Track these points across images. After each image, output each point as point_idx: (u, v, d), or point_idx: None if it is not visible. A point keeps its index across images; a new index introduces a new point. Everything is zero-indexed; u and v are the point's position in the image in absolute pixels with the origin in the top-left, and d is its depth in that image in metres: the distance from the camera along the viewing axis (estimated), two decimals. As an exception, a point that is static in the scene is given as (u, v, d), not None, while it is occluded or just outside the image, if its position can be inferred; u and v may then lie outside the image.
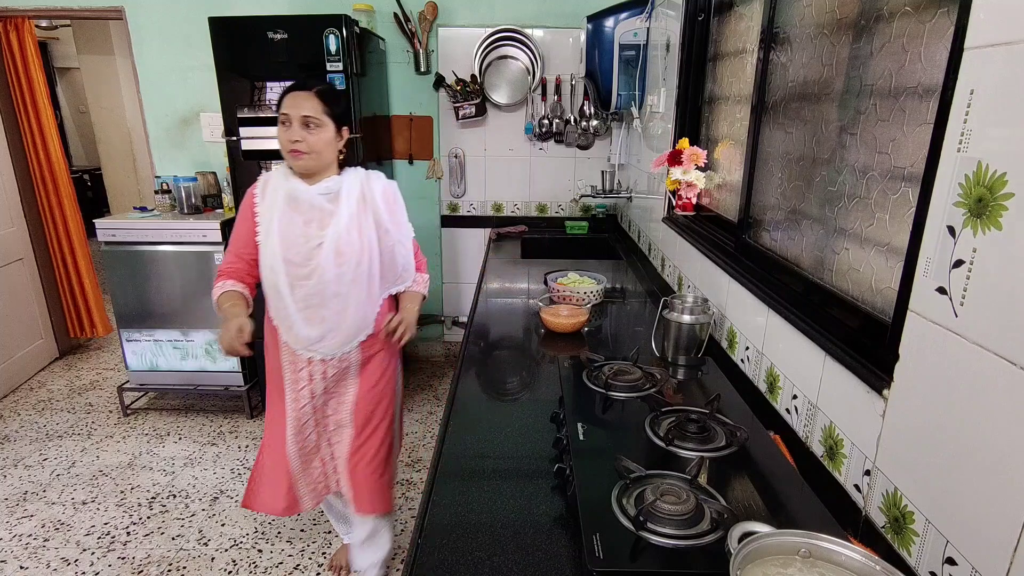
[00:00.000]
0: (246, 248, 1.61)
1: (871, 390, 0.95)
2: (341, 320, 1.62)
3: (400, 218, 1.70)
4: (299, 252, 1.55)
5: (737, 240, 1.66)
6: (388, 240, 1.64)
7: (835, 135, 1.22)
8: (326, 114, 1.53)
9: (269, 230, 1.55)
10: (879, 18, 1.08)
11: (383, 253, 1.64)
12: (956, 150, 0.77)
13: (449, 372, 3.77)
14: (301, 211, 1.57)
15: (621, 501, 0.97)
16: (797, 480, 1.06)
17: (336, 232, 1.55)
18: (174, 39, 3.29)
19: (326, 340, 1.62)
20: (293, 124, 1.51)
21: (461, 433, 1.31)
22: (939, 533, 0.80)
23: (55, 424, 3.14)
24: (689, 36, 2.08)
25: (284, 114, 1.52)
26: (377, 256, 1.63)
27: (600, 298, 2.15)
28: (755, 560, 0.78)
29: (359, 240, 1.58)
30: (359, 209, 1.59)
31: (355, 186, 1.61)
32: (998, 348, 0.70)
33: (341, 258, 1.56)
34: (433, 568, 0.92)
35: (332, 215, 1.57)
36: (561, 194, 3.63)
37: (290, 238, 1.55)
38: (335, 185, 1.59)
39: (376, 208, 1.62)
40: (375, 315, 1.69)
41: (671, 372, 1.58)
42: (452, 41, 3.35)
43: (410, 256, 1.75)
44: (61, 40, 6.15)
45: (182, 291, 3.07)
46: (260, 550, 2.25)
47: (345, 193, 1.59)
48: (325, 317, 1.60)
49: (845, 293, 1.16)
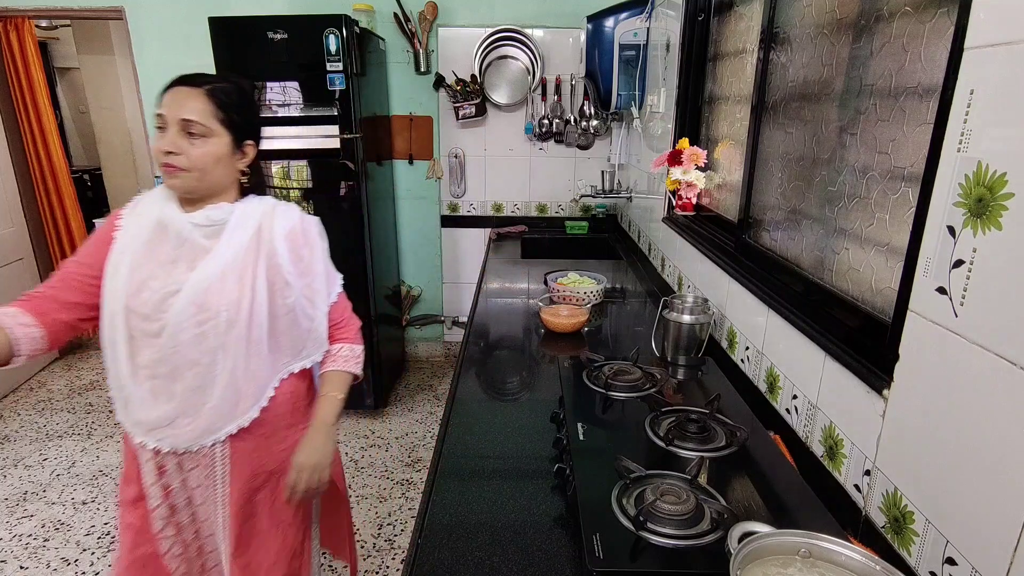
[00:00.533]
0: (76, 280, 1.17)
1: (871, 390, 0.95)
2: (200, 400, 1.17)
3: (312, 267, 1.25)
4: (148, 300, 1.13)
5: (737, 240, 1.66)
6: (287, 295, 1.20)
7: (835, 135, 1.22)
8: (219, 120, 1.15)
9: (118, 267, 1.14)
10: (879, 18, 1.08)
11: (276, 312, 1.20)
12: (956, 150, 0.77)
13: (449, 372, 3.77)
14: (167, 245, 1.16)
15: (621, 501, 0.97)
16: (797, 480, 1.06)
17: (203, 278, 1.13)
18: (174, 39, 3.29)
19: (178, 426, 1.17)
20: (169, 129, 1.12)
21: (461, 433, 1.31)
22: (939, 533, 0.80)
23: (55, 424, 3.14)
24: (689, 36, 2.08)
25: (159, 115, 1.14)
26: (264, 315, 1.18)
27: (600, 298, 2.15)
28: (755, 560, 0.78)
29: (237, 292, 1.15)
30: (248, 250, 1.17)
31: (250, 219, 1.19)
32: (998, 348, 0.70)
33: (204, 314, 1.13)
34: (433, 568, 0.92)
35: (205, 255, 1.15)
36: (561, 194, 3.63)
37: (140, 279, 1.13)
38: (221, 215, 1.17)
39: (273, 251, 1.18)
40: (264, 398, 1.22)
41: (671, 372, 1.58)
42: (452, 41, 3.35)
43: (321, 320, 1.28)
44: (61, 40, 6.15)
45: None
46: (260, 550, 2.25)
47: (233, 227, 1.17)
48: (176, 393, 1.16)
49: (845, 293, 1.16)
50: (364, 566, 2.19)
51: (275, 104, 2.79)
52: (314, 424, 1.28)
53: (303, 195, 2.96)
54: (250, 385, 1.20)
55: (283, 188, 2.94)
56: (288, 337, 1.24)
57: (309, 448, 1.25)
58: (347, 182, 2.89)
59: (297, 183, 2.95)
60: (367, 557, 2.23)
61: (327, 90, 2.74)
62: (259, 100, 2.78)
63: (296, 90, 2.76)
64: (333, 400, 1.30)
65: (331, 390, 1.31)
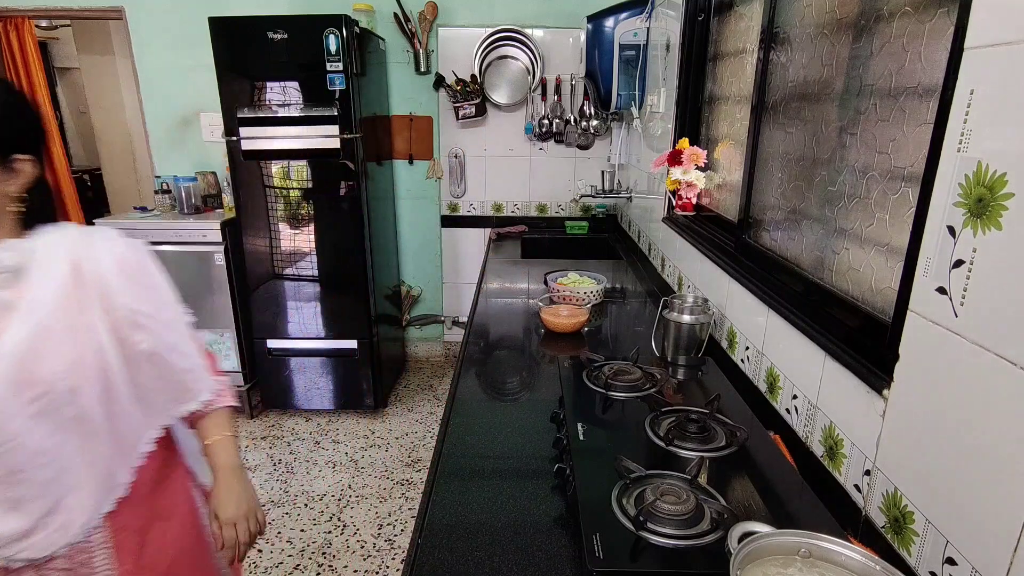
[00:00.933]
0: None
1: (871, 390, 0.95)
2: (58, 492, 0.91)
3: (163, 296, 1.04)
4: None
5: (737, 240, 1.66)
6: (140, 340, 0.96)
7: (835, 135, 1.22)
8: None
9: None
10: (879, 18, 1.08)
11: (135, 362, 0.96)
12: (956, 150, 0.77)
13: (449, 372, 3.77)
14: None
15: (621, 501, 0.97)
16: (797, 480, 1.06)
17: (17, 342, 0.85)
18: (174, 39, 3.29)
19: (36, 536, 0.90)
20: None
21: (461, 433, 1.31)
22: (939, 533, 0.80)
23: (55, 424, 3.14)
24: (689, 36, 2.08)
25: None
26: (119, 370, 0.94)
27: (600, 298, 2.15)
28: (755, 560, 0.78)
29: (73, 350, 0.89)
30: (69, 296, 0.90)
31: (58, 256, 0.91)
32: (998, 348, 0.70)
33: (34, 389, 0.86)
34: (433, 568, 0.92)
35: (9, 313, 0.87)
36: (561, 194, 3.63)
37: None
38: (14, 258, 0.89)
39: (107, 290, 0.93)
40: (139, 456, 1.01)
41: (671, 372, 1.58)
42: (452, 41, 3.35)
43: (197, 353, 1.09)
44: (61, 40, 6.15)
45: (182, 291, 3.02)
46: (260, 550, 2.25)
47: (39, 271, 0.89)
48: (23, 497, 0.89)
49: (845, 293, 1.16)
50: (364, 566, 2.19)
51: (275, 104, 2.79)
52: (223, 471, 1.10)
53: (303, 195, 2.96)
54: (120, 450, 0.98)
55: (283, 188, 2.95)
56: (160, 384, 1.02)
57: (233, 498, 1.09)
58: (347, 182, 2.90)
59: (297, 183, 2.95)
60: (367, 557, 2.23)
61: (327, 90, 2.74)
62: (259, 100, 2.79)
63: (296, 90, 2.77)
64: (230, 440, 1.13)
65: (221, 431, 1.12)
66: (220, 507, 1.08)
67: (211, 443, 1.11)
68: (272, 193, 2.95)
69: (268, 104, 2.79)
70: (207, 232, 2.98)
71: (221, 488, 1.09)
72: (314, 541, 2.30)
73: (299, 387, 3.25)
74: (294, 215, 2.98)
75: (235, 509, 1.09)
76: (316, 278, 3.07)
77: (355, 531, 2.37)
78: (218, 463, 1.11)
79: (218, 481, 1.10)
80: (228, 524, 1.08)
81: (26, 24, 3.36)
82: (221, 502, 1.09)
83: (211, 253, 3.00)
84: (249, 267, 3.05)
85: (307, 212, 2.98)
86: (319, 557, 2.22)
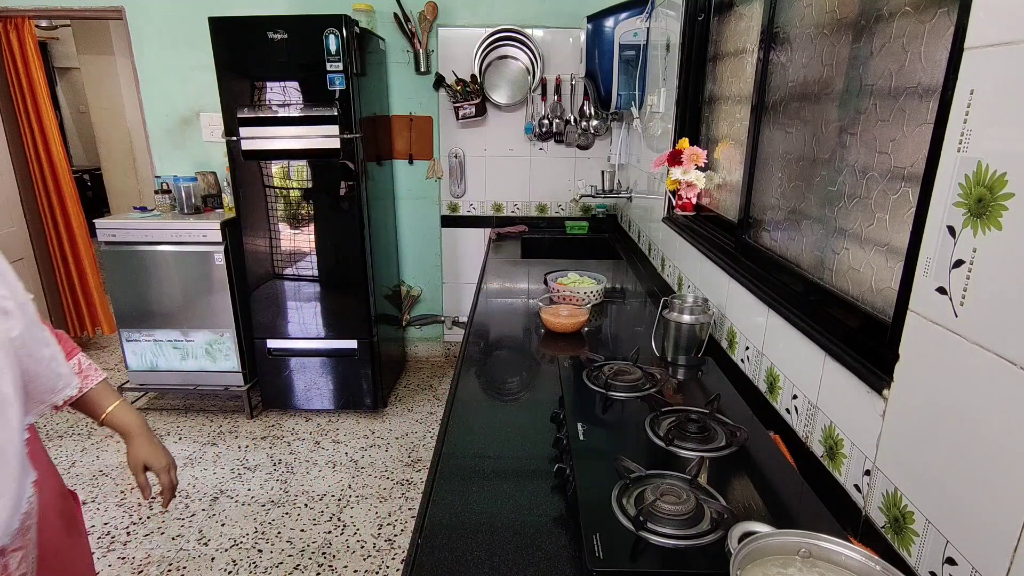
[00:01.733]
0: None
1: (871, 390, 0.95)
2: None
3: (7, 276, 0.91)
4: None
5: (737, 240, 1.66)
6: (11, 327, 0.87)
7: (835, 135, 1.22)
8: None
9: None
10: (879, 18, 1.08)
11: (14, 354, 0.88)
12: (956, 150, 0.77)
13: (449, 372, 3.77)
14: None
15: (621, 501, 0.97)
16: (797, 480, 1.06)
17: None
18: (174, 39, 3.29)
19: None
20: None
21: (461, 433, 1.31)
22: (939, 533, 0.80)
23: (55, 424, 3.14)
24: (689, 36, 2.08)
25: None
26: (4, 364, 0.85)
27: (600, 298, 2.15)
28: (755, 560, 0.78)
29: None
30: None
31: None
32: (998, 348, 0.70)
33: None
34: (433, 568, 0.92)
35: None
36: (561, 194, 3.63)
37: None
38: None
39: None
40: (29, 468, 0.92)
41: (671, 372, 1.58)
42: (452, 41, 3.35)
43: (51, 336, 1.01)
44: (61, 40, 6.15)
45: (182, 291, 3.07)
46: (260, 550, 2.25)
47: None
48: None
49: (845, 293, 1.16)
50: (364, 566, 2.19)
51: (275, 104, 2.79)
52: (138, 428, 1.15)
53: (303, 195, 2.96)
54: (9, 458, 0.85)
55: (283, 188, 2.95)
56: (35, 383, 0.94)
57: (157, 449, 1.17)
58: (347, 182, 2.90)
59: (297, 183, 2.95)
60: (367, 557, 2.23)
61: (327, 90, 2.74)
62: (259, 100, 2.79)
63: (296, 90, 2.77)
64: (125, 403, 1.15)
65: (110, 399, 1.13)
66: (152, 458, 1.17)
67: (111, 411, 1.14)
68: (272, 193, 2.95)
69: (268, 104, 2.79)
70: (207, 232, 2.98)
71: (144, 442, 1.16)
72: (314, 541, 2.30)
73: (299, 387, 3.25)
74: (294, 215, 2.98)
75: (165, 458, 1.19)
76: (316, 278, 3.07)
77: (355, 531, 2.37)
78: (129, 423, 1.15)
79: (138, 438, 1.16)
80: (163, 471, 1.18)
81: (26, 24, 3.36)
82: (150, 453, 1.16)
83: (211, 253, 3.00)
84: (249, 267, 3.05)
85: (307, 212, 2.98)
86: (319, 557, 2.22)
